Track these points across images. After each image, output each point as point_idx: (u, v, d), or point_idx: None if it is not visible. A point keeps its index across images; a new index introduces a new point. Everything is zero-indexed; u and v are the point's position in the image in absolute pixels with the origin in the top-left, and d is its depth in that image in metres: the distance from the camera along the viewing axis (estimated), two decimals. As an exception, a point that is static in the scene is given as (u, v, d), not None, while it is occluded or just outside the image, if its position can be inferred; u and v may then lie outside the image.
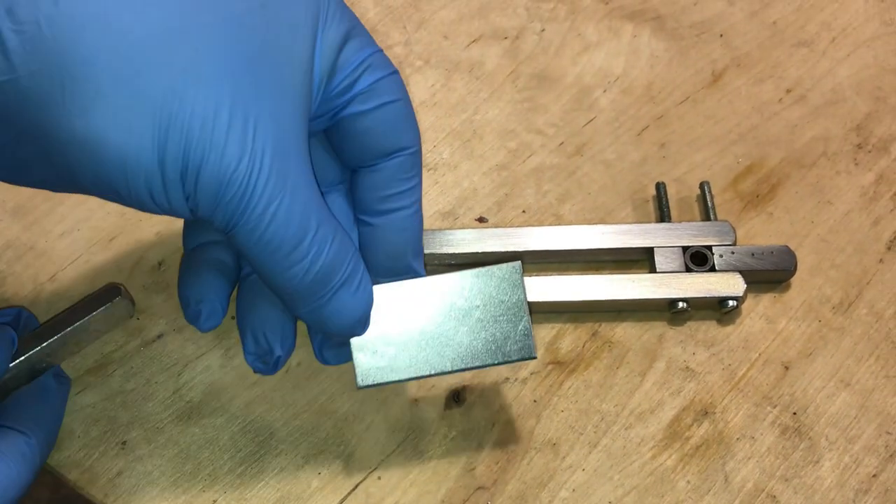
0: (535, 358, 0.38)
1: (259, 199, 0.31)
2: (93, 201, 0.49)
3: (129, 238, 0.48)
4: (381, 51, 0.36)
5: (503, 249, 0.46)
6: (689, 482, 0.41)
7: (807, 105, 0.53)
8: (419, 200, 0.38)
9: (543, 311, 0.45)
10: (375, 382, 0.37)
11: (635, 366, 0.44)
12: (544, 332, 0.45)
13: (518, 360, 0.38)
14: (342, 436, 0.42)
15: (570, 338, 0.45)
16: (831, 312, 0.46)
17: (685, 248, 0.46)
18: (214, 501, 0.41)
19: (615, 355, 0.44)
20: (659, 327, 0.45)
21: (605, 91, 0.53)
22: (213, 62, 0.30)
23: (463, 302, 0.38)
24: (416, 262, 0.39)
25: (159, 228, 0.48)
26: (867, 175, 0.50)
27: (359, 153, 0.37)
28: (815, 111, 0.52)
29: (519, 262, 0.38)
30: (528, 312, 0.38)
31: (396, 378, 0.37)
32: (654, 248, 0.46)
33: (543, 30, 0.56)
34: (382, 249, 0.38)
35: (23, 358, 0.39)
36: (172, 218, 0.47)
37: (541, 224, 0.48)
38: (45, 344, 0.39)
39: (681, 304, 0.44)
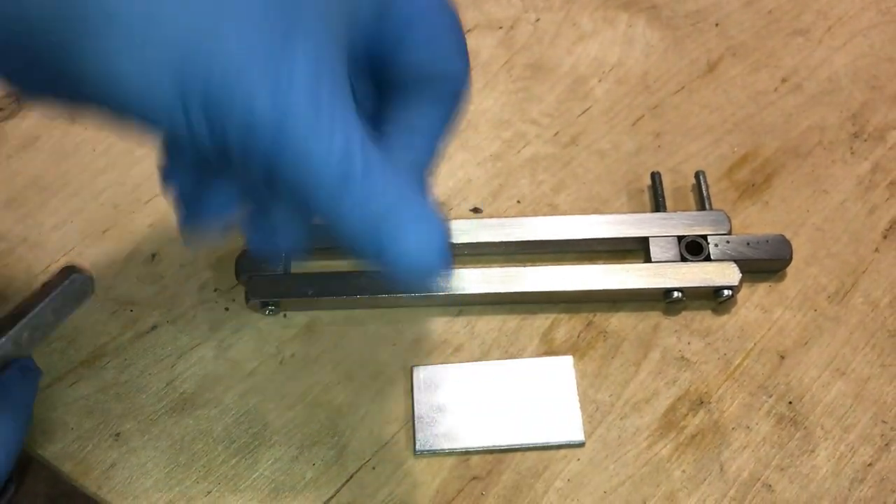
0: (583, 443, 0.41)
1: (295, 140, 0.28)
2: (86, 193, 0.48)
3: (122, 230, 0.47)
4: None
5: (498, 240, 0.46)
6: (684, 472, 0.41)
7: (802, 94, 0.52)
8: (442, 134, 0.34)
9: (538, 302, 0.45)
10: (432, 449, 0.41)
11: (630, 356, 0.44)
12: (539, 323, 0.45)
13: (566, 444, 0.41)
14: (336, 427, 0.42)
15: (564, 328, 0.45)
16: (827, 302, 0.45)
17: (680, 238, 0.46)
18: (208, 493, 0.41)
19: (610, 345, 0.44)
20: (654, 317, 0.45)
21: (600, 81, 0.53)
22: None
23: (519, 386, 0.42)
24: (416, 187, 0.35)
25: (152, 220, 0.48)
26: (863, 164, 0.50)
27: (398, 79, 0.34)
28: (810, 100, 0.52)
29: (571, 356, 0.43)
30: (578, 401, 0.42)
31: (452, 447, 0.41)
32: (649, 238, 0.46)
33: (538, 20, 0.56)
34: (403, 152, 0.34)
35: None
36: (166, 210, 0.47)
37: (535, 214, 0.48)
38: (3, 338, 0.37)
39: (676, 294, 0.44)
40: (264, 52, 0.27)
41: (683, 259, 0.45)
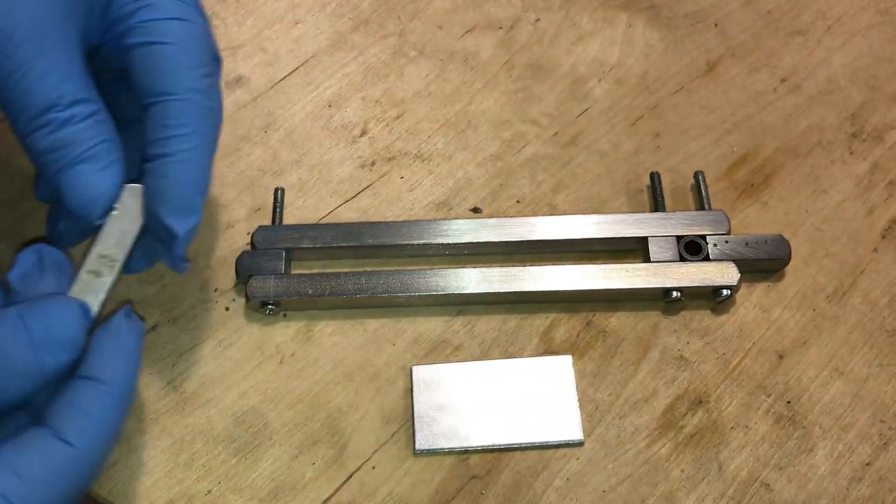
0: (582, 442, 0.41)
1: (14, 55, 0.33)
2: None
3: (122, 229, 0.48)
4: None
5: (498, 240, 0.46)
6: (683, 471, 0.41)
7: (801, 94, 0.53)
8: (185, 151, 0.37)
9: (538, 301, 0.45)
10: (432, 448, 0.41)
11: (629, 355, 0.44)
12: (539, 322, 0.45)
13: (565, 443, 0.42)
14: (336, 426, 0.42)
15: (564, 327, 0.45)
16: (825, 301, 0.46)
17: (679, 238, 0.46)
18: (209, 492, 0.41)
19: (609, 345, 0.44)
20: (653, 317, 0.45)
21: (599, 81, 0.53)
22: None
23: (518, 385, 0.43)
24: (170, 217, 0.37)
25: (153, 220, 0.48)
26: (862, 164, 0.50)
27: (136, 91, 0.37)
28: (809, 100, 0.52)
29: (570, 356, 0.43)
30: (577, 401, 0.42)
31: (451, 446, 0.41)
32: (649, 238, 0.46)
33: (538, 20, 0.56)
34: (147, 196, 0.37)
35: (93, 318, 0.36)
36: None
37: (535, 214, 0.48)
38: (104, 295, 0.37)
39: (675, 294, 0.44)
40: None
41: (682, 259, 0.45)
